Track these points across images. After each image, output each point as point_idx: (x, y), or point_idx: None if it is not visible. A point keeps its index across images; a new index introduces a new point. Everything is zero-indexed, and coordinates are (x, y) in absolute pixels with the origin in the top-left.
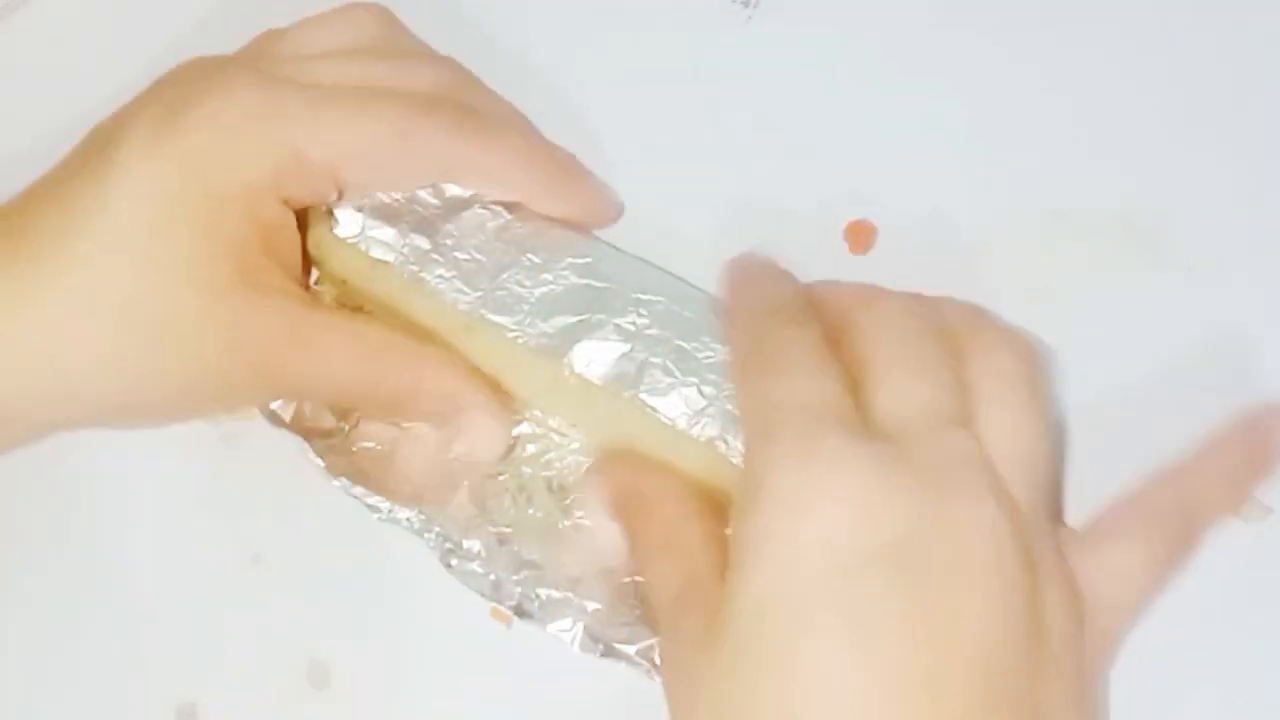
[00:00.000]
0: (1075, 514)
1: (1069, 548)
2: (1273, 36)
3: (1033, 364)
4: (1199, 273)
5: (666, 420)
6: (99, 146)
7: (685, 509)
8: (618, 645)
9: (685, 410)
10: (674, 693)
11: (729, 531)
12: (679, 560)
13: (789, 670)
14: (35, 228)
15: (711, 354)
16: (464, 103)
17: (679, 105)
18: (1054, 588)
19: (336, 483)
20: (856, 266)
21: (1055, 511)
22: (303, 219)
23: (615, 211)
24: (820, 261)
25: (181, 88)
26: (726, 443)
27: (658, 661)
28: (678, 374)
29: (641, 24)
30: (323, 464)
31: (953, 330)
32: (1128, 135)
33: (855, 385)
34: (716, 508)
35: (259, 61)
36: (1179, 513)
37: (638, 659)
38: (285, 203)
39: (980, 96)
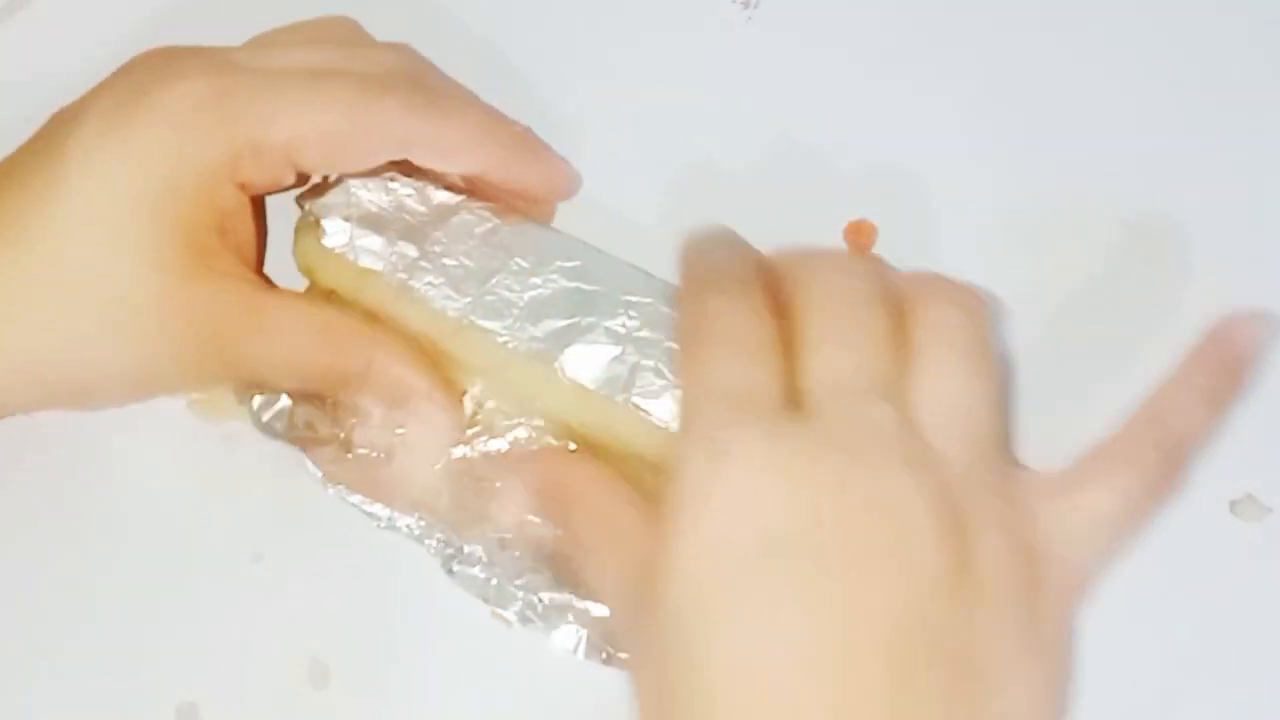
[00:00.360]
0: None
1: (1030, 495)
2: (1273, 36)
3: (971, 313)
4: (1199, 273)
5: (659, 423)
6: (55, 134)
7: (616, 493)
8: (621, 654)
9: (678, 412)
10: (633, 675)
11: None
12: (616, 549)
13: (709, 659)
14: None
15: None
16: (418, 82)
17: (679, 105)
18: (992, 540)
19: (334, 491)
20: None
21: (1003, 459)
22: (257, 212)
23: (573, 184)
24: None
25: (137, 75)
26: None
27: None
28: (669, 376)
29: (641, 24)
30: (320, 473)
31: (896, 289)
32: (1128, 135)
33: (792, 351)
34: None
35: (215, 52)
36: (1155, 448)
37: None
38: (241, 187)
39: (980, 96)
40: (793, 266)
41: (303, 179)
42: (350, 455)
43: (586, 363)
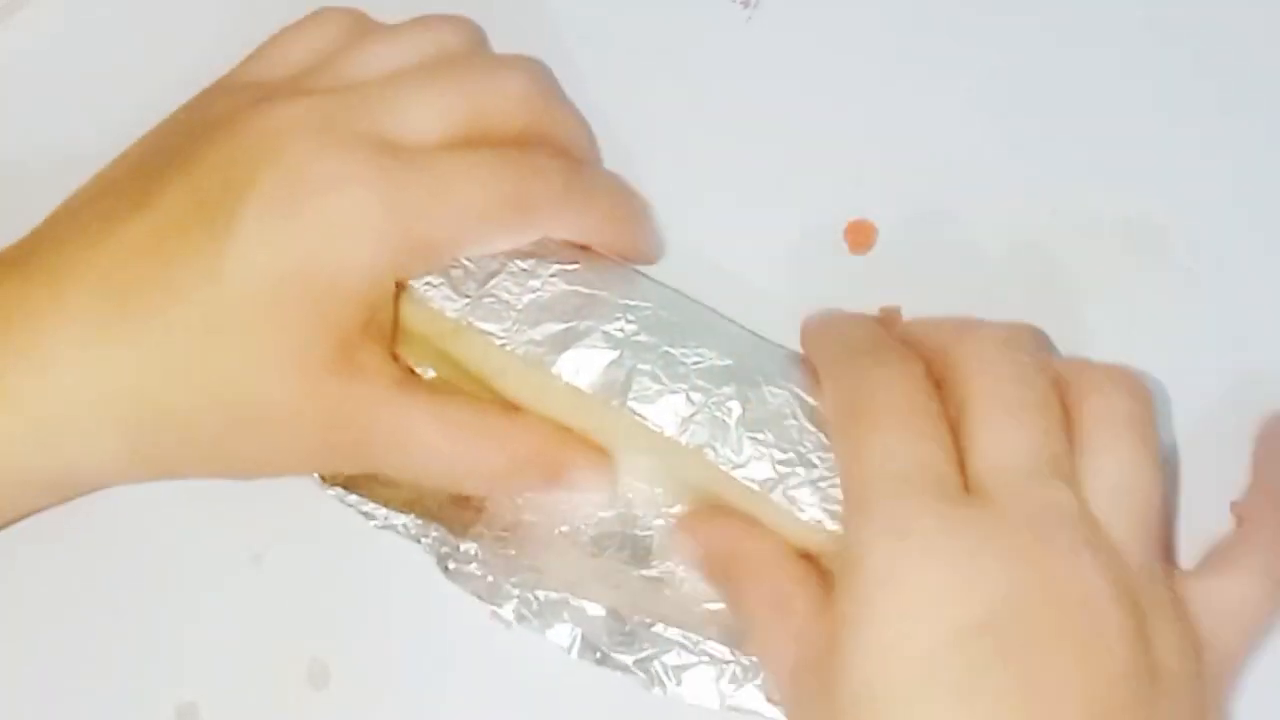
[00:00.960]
0: None
1: (1181, 585)
2: (1273, 36)
3: (1141, 402)
4: (1199, 273)
5: (654, 427)
6: (208, 212)
7: (790, 571)
8: (615, 654)
9: (674, 417)
10: None
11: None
12: (791, 628)
13: None
14: (135, 297)
15: (700, 359)
16: (561, 147)
17: (678, 105)
18: (1166, 630)
19: (331, 492)
20: (856, 266)
21: (1166, 551)
22: None
23: (659, 255)
24: (820, 261)
25: (296, 166)
26: (715, 450)
27: (655, 671)
28: (666, 381)
29: (641, 24)
30: (317, 474)
31: (1056, 365)
32: (1128, 136)
33: (955, 428)
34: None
35: (348, 102)
36: None
37: (635, 669)
38: (397, 284)
39: (980, 96)
40: (948, 337)
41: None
42: None
43: (583, 367)
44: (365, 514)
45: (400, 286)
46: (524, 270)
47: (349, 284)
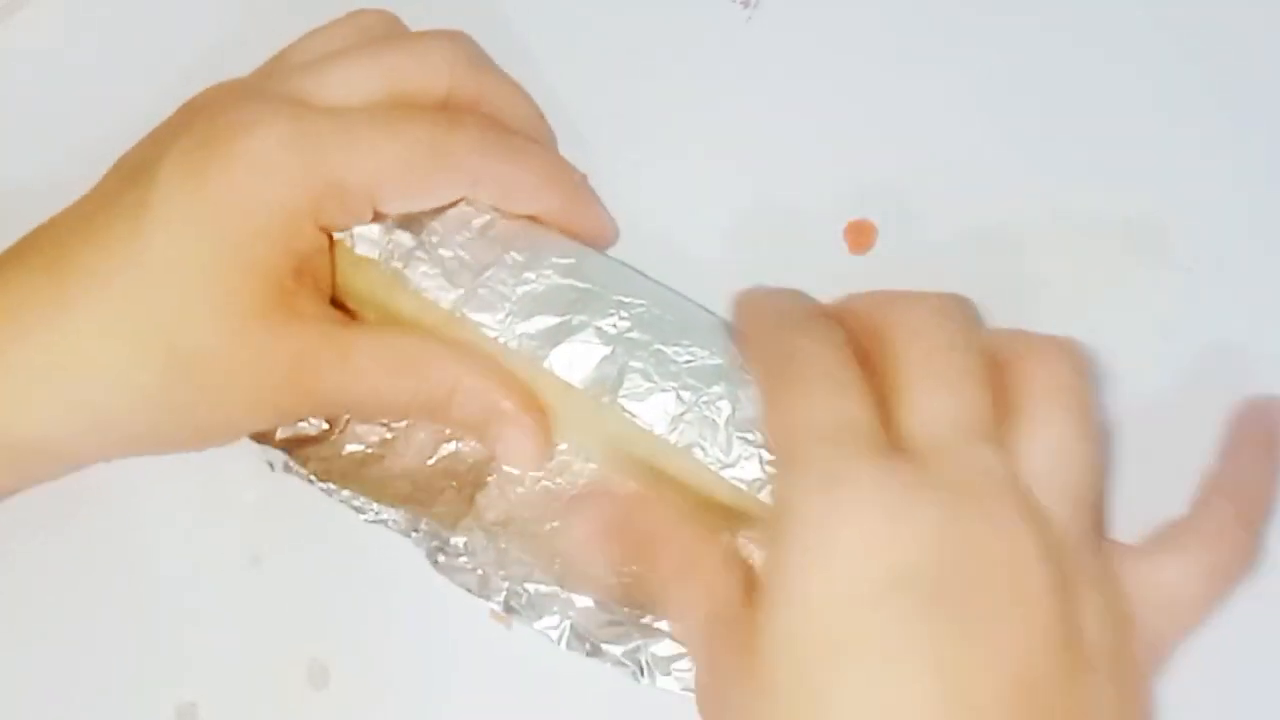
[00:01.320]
0: None
1: (1119, 561)
2: (1273, 36)
3: (1080, 374)
4: (1199, 273)
5: (644, 425)
6: (131, 180)
7: (699, 532)
8: (604, 646)
9: (663, 416)
10: (712, 716)
11: (741, 539)
12: (702, 588)
13: (824, 703)
14: (70, 262)
15: (691, 358)
16: (489, 113)
17: (678, 105)
18: (1093, 600)
19: (321, 487)
20: (856, 266)
21: (1099, 524)
22: None
23: (614, 236)
24: (820, 261)
25: (213, 119)
26: (704, 449)
27: (644, 662)
28: (656, 379)
29: (641, 24)
30: (305, 471)
31: (992, 335)
32: (1128, 136)
33: (884, 397)
34: (723, 516)
35: (275, 77)
36: (1235, 522)
37: (624, 660)
38: (321, 229)
39: (980, 96)
40: (879, 307)
41: (379, 218)
42: (343, 453)
43: (575, 362)
44: (355, 509)
45: (331, 237)
46: (519, 263)
47: (266, 224)
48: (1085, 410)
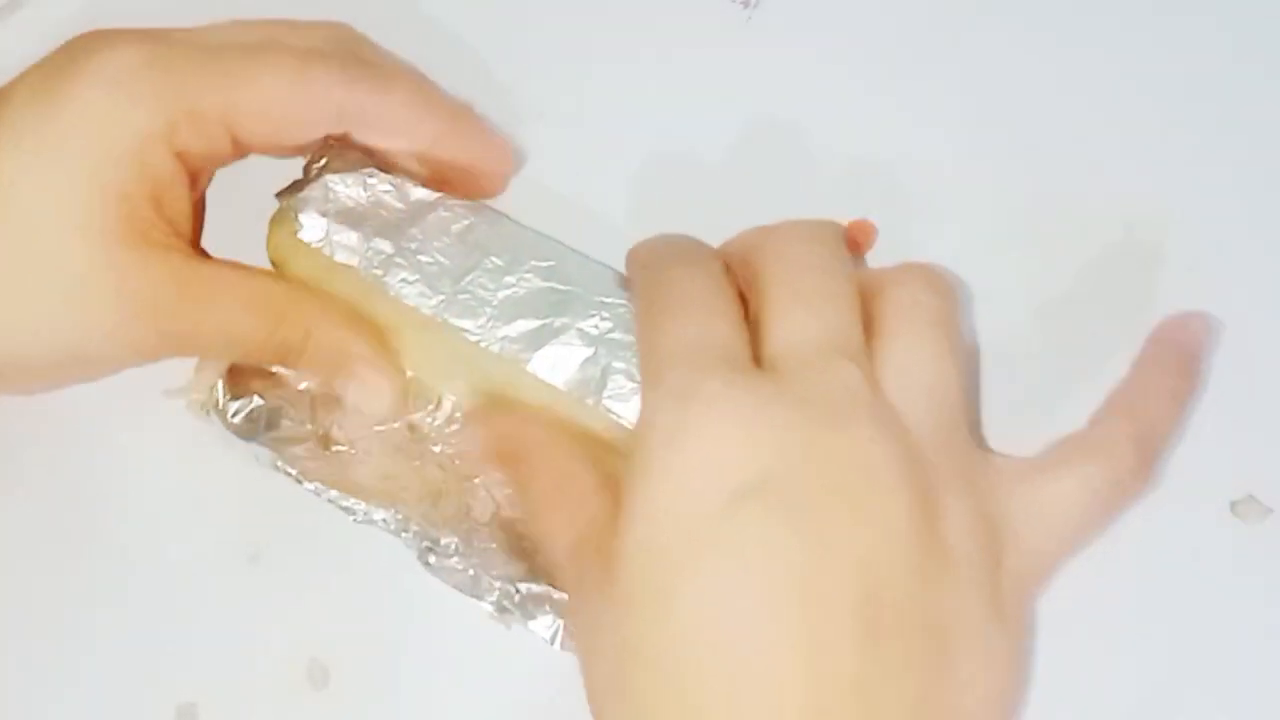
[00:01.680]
0: None
1: (997, 475)
2: (1273, 36)
3: (942, 295)
4: (1199, 273)
5: (630, 425)
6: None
7: (572, 453)
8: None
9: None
10: (581, 642)
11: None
12: (572, 507)
13: (676, 607)
14: None
15: None
16: (356, 54)
17: (678, 105)
18: (959, 510)
19: (310, 487)
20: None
21: (967, 440)
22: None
23: (513, 161)
24: None
25: (69, 45)
26: None
27: None
28: (639, 379)
29: (641, 23)
30: (294, 471)
31: (863, 269)
32: (1128, 135)
33: (755, 322)
34: (609, 453)
35: (150, 28)
36: (1129, 441)
37: None
38: (178, 156)
39: (980, 96)
40: (752, 236)
41: (239, 152)
42: (327, 452)
43: (558, 364)
44: (345, 509)
45: (194, 178)
46: (499, 266)
47: (119, 143)
48: (944, 327)
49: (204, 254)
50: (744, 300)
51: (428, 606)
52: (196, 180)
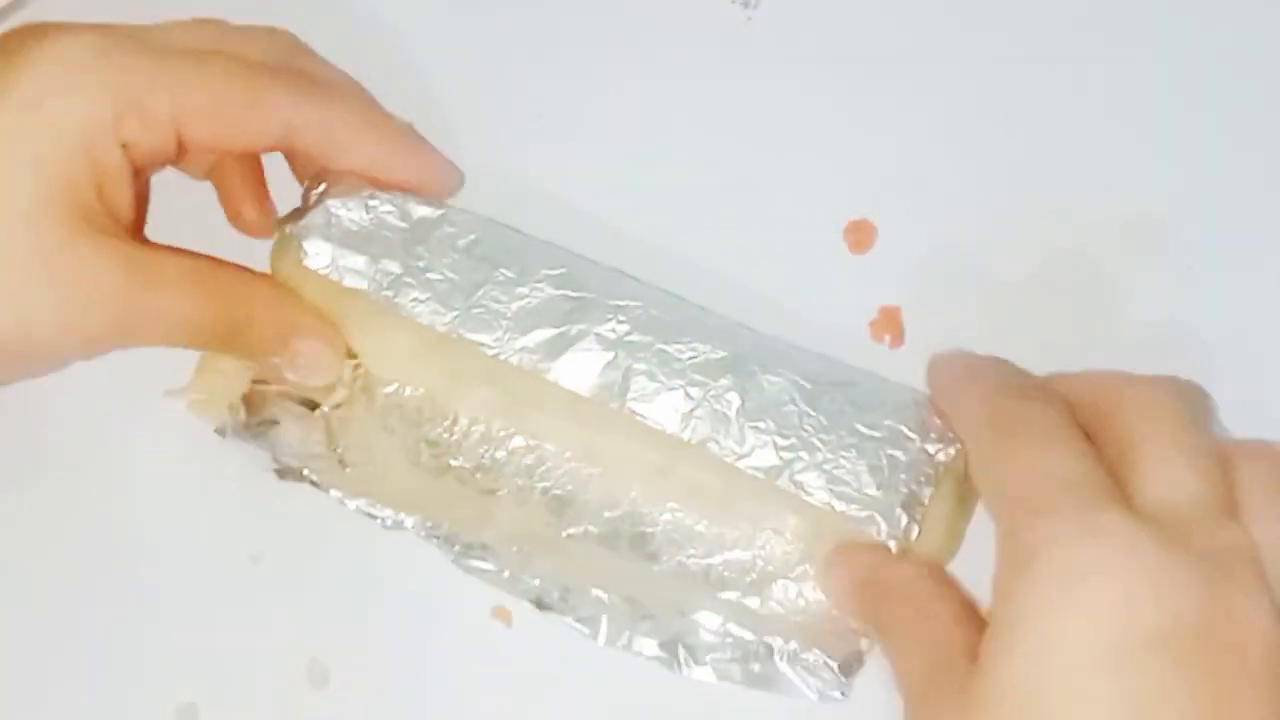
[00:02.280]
0: None
1: None
2: (1273, 36)
3: None
4: (1199, 273)
5: (654, 426)
6: None
7: (933, 590)
8: (639, 638)
9: (674, 414)
10: None
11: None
12: (930, 643)
13: None
14: None
15: (695, 354)
16: (299, 68)
17: (678, 104)
18: None
19: (335, 493)
20: (856, 266)
21: None
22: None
23: (455, 181)
24: (820, 261)
25: (20, 33)
26: (718, 443)
27: (681, 657)
28: (662, 378)
29: (641, 23)
30: (318, 480)
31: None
32: (1127, 135)
33: (1112, 469)
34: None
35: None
36: None
37: (661, 652)
38: (124, 148)
39: (980, 96)
40: (1106, 384)
41: (183, 152)
42: (346, 470)
43: (579, 371)
44: (371, 515)
45: (138, 171)
46: (510, 278)
47: (65, 129)
48: None
49: (147, 242)
50: None
51: (428, 607)
52: (140, 174)
